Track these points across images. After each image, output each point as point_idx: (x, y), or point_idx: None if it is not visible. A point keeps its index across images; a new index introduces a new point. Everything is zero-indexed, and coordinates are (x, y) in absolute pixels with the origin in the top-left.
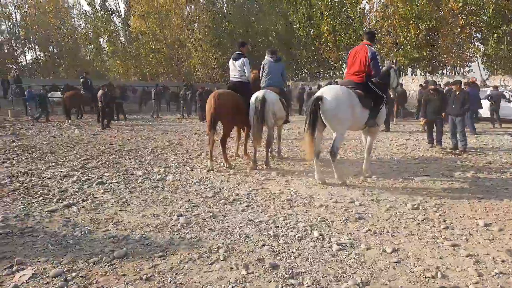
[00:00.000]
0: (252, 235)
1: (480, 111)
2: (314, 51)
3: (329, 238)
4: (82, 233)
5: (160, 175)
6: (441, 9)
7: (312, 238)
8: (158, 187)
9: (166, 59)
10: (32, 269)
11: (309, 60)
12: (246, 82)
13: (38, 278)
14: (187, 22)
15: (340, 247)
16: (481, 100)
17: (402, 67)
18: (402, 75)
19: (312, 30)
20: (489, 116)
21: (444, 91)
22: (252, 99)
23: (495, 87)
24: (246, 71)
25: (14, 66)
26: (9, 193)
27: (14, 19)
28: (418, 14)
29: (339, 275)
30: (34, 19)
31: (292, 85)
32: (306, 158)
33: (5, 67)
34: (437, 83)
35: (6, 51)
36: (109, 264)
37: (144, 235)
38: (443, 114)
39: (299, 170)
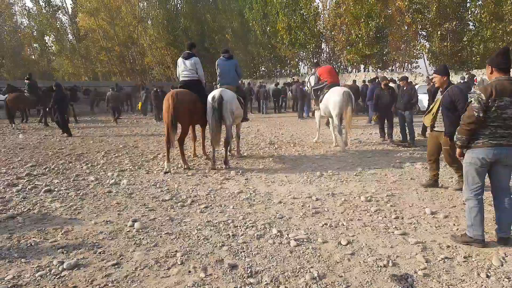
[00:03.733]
0: (211, 237)
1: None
2: (271, 48)
3: (287, 235)
4: (28, 245)
5: (113, 180)
6: (389, 8)
7: (270, 236)
8: (112, 192)
9: (118, 58)
10: None
11: (266, 58)
12: (198, 80)
13: None
14: (140, 19)
15: (298, 242)
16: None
17: (355, 63)
18: (355, 72)
19: (268, 28)
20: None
21: (394, 87)
22: (209, 98)
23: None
24: (198, 69)
25: None
26: None
27: None
28: (368, 13)
29: (297, 270)
30: None
31: (252, 82)
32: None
33: None
34: (388, 78)
35: None
36: (58, 276)
37: (96, 243)
38: (392, 108)
39: (258, 168)
